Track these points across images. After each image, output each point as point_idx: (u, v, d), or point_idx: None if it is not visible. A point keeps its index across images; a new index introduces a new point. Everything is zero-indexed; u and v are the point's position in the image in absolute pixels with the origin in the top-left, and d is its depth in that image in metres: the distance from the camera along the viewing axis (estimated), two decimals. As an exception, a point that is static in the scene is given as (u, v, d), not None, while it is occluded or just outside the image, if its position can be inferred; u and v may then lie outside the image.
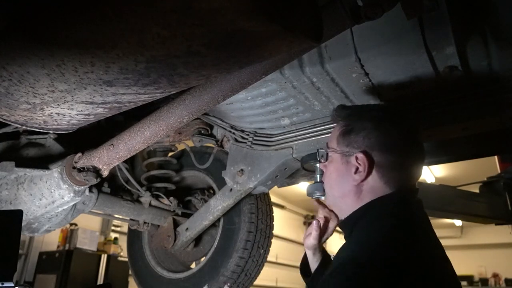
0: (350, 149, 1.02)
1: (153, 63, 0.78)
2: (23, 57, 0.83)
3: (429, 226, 1.00)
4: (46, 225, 1.62)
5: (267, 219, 1.86)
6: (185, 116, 1.20)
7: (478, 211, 2.84)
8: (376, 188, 0.99)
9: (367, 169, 0.98)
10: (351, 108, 1.11)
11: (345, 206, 1.04)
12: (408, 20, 1.01)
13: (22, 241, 5.32)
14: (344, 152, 1.03)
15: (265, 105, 1.47)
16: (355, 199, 1.01)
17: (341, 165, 1.04)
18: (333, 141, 1.08)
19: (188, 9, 0.63)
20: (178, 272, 1.95)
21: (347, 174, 1.02)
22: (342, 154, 1.04)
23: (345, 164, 1.03)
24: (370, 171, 0.98)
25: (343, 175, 1.03)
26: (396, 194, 0.98)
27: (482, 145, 1.77)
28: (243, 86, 1.09)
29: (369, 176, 0.99)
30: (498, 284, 9.28)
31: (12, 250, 1.08)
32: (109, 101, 0.98)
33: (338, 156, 1.05)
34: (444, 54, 1.12)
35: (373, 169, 0.98)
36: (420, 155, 1.05)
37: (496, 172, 3.14)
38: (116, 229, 6.85)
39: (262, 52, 0.78)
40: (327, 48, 1.20)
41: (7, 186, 1.51)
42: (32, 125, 1.10)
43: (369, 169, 0.98)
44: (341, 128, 1.07)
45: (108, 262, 5.81)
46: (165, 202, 1.95)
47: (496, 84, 1.25)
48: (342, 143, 1.05)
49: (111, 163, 1.40)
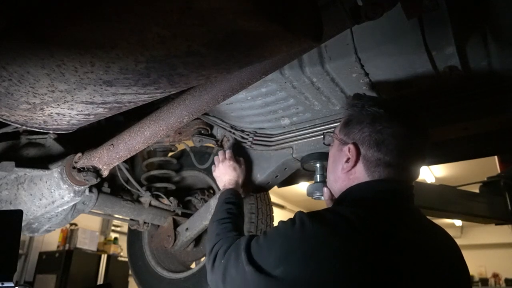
0: (346, 138, 1.08)
1: (153, 63, 0.78)
2: (23, 57, 0.83)
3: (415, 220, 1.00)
4: (46, 225, 1.62)
5: (267, 219, 1.85)
6: (185, 116, 1.20)
7: (478, 211, 2.84)
8: (360, 179, 1.04)
9: (354, 160, 1.03)
10: (361, 98, 1.11)
11: (336, 189, 1.10)
12: (408, 20, 1.02)
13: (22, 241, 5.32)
14: (341, 140, 1.09)
15: (265, 105, 1.47)
16: (343, 185, 1.06)
17: (337, 152, 1.11)
18: (338, 127, 1.14)
19: (188, 9, 0.63)
20: (178, 272, 1.95)
21: (340, 161, 1.08)
22: (340, 141, 1.10)
23: (340, 151, 1.09)
24: (357, 163, 1.04)
25: (337, 161, 1.10)
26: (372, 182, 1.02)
27: (482, 145, 1.77)
28: (243, 86, 1.09)
29: (356, 167, 1.04)
30: (498, 284, 9.29)
31: (12, 250, 1.08)
32: (109, 101, 0.98)
33: (337, 143, 1.12)
34: (444, 54, 1.12)
35: (359, 162, 1.03)
36: (416, 157, 1.05)
37: (496, 172, 3.14)
38: (116, 229, 6.86)
39: (262, 52, 0.78)
40: (327, 48, 1.20)
41: (7, 186, 1.51)
42: (32, 125, 1.10)
43: (356, 161, 1.03)
44: (345, 117, 1.13)
45: (108, 262, 5.82)
46: (165, 202, 1.95)
47: (496, 84, 1.25)
48: (342, 131, 1.10)
49: (111, 163, 1.40)
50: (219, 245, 1.12)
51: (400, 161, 1.01)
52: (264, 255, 0.92)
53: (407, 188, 1.04)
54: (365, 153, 1.03)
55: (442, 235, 1.05)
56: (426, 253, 0.93)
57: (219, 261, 1.06)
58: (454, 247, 1.04)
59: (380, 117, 1.03)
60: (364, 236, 0.86)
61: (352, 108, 1.09)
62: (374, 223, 0.90)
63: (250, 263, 0.92)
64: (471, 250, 9.58)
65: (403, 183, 1.03)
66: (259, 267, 0.90)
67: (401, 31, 1.10)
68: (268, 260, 0.90)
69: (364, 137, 1.03)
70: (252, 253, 0.95)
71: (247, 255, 0.95)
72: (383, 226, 0.91)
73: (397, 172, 1.01)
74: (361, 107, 1.07)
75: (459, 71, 1.17)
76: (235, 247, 1.03)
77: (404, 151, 1.01)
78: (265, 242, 0.94)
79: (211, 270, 1.09)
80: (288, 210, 9.17)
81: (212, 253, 1.11)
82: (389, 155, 1.00)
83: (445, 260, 0.96)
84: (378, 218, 0.92)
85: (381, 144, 1.01)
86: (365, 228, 0.87)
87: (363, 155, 1.03)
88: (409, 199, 1.04)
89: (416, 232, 0.96)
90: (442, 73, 1.18)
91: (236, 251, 1.01)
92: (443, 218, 3.66)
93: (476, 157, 1.96)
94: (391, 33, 1.11)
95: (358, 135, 1.05)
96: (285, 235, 0.91)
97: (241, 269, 0.94)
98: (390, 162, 1.01)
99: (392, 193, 1.01)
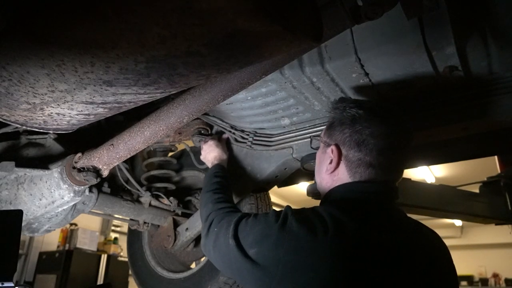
0: (329, 140, 1.11)
1: (153, 63, 0.78)
2: (23, 57, 0.83)
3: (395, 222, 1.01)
4: (46, 225, 1.62)
5: (267, 219, 1.86)
6: (185, 116, 1.20)
7: (478, 211, 2.84)
8: (342, 180, 1.06)
9: (336, 161, 1.06)
10: (343, 101, 1.14)
11: (322, 191, 1.14)
12: (408, 20, 1.02)
13: (22, 241, 5.33)
14: (325, 142, 1.13)
15: (265, 105, 1.47)
16: (327, 187, 1.10)
17: (321, 154, 1.15)
18: (323, 131, 1.17)
19: (188, 9, 0.63)
20: (178, 272, 1.95)
21: (324, 163, 1.11)
22: (324, 144, 1.13)
23: (324, 153, 1.12)
24: (339, 164, 1.06)
25: (322, 163, 1.13)
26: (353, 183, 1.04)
27: (482, 145, 1.77)
28: (243, 86, 1.09)
29: (339, 168, 1.07)
30: (498, 284, 9.28)
31: (12, 250, 1.08)
32: (109, 101, 0.98)
33: (322, 145, 1.15)
34: (444, 54, 1.12)
35: (341, 162, 1.06)
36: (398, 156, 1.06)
37: (496, 172, 3.14)
38: (116, 229, 6.86)
39: (262, 52, 0.78)
40: (327, 48, 1.20)
41: (7, 186, 1.51)
42: (32, 125, 1.10)
43: (338, 162, 1.06)
44: (329, 120, 1.16)
45: (108, 262, 5.82)
46: (165, 202, 1.95)
47: (496, 84, 1.25)
48: (326, 134, 1.14)
49: (111, 163, 1.40)
50: (215, 214, 1.20)
51: (381, 160, 1.02)
52: (245, 233, 1.01)
53: (389, 189, 1.05)
54: (346, 154, 1.05)
55: (428, 236, 1.05)
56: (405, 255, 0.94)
57: (213, 228, 1.15)
58: (442, 248, 1.05)
59: (360, 117, 1.05)
60: (333, 236, 0.89)
61: (335, 111, 1.12)
62: (347, 224, 0.92)
63: (233, 237, 1.01)
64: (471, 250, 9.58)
65: (384, 184, 1.04)
66: (239, 243, 1.00)
67: (401, 31, 1.10)
68: (247, 239, 0.98)
69: (345, 138, 1.05)
70: (238, 228, 1.04)
71: (234, 229, 1.03)
72: (357, 228, 0.92)
73: (379, 173, 1.02)
74: (342, 109, 1.09)
75: (459, 71, 1.17)
76: (228, 218, 1.11)
77: (384, 150, 1.02)
78: (251, 223, 1.02)
79: (205, 235, 1.18)
80: (288, 210, 9.15)
81: (208, 220, 1.20)
82: (369, 155, 1.02)
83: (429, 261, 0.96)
84: (352, 219, 0.93)
85: (361, 144, 1.02)
86: (336, 229, 0.90)
87: (345, 156, 1.05)
88: (391, 200, 1.05)
89: (395, 233, 0.97)
90: (442, 73, 1.18)
91: (228, 222, 1.09)
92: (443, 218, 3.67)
93: (476, 157, 1.96)
94: (391, 33, 1.11)
95: (339, 137, 1.07)
96: (268, 222, 0.98)
97: (226, 240, 1.03)
98: (370, 162, 1.02)
99: (372, 194, 1.02)
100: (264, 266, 0.91)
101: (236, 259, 0.98)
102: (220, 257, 1.08)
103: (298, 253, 0.89)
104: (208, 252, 1.15)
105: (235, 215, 1.10)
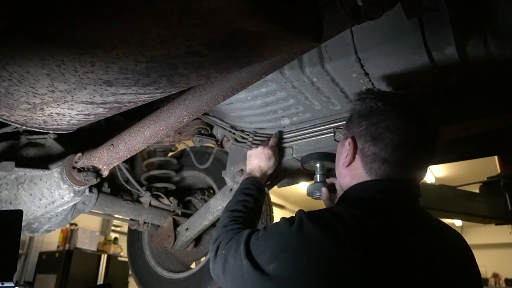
0: (347, 133, 1.06)
1: (153, 63, 0.78)
2: (23, 57, 0.83)
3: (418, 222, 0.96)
4: (46, 225, 1.63)
5: (267, 219, 1.86)
6: (185, 116, 1.20)
7: (478, 211, 2.85)
8: (360, 175, 1.00)
9: (351, 154, 1.01)
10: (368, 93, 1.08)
11: (340, 185, 1.09)
12: (408, 20, 1.01)
13: (22, 241, 5.32)
14: (344, 134, 1.08)
15: (265, 105, 1.47)
16: (345, 181, 1.05)
17: (340, 147, 1.10)
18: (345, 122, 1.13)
19: (188, 9, 0.63)
20: (178, 272, 1.95)
21: (341, 156, 1.06)
22: (343, 136, 1.09)
23: (342, 146, 1.07)
24: (354, 157, 1.01)
25: (340, 156, 1.08)
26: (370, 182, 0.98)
27: (482, 145, 1.77)
28: (243, 86, 1.09)
29: (355, 162, 1.02)
30: (498, 284, 9.27)
31: (12, 250, 1.08)
32: (109, 101, 0.98)
33: (342, 138, 1.11)
34: (444, 54, 1.12)
35: (357, 156, 1.01)
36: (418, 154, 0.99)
37: (496, 172, 3.14)
38: (116, 229, 6.86)
39: (262, 52, 0.78)
40: (327, 48, 1.20)
41: (7, 186, 1.51)
42: (32, 125, 1.10)
43: (353, 155, 1.01)
44: (350, 112, 1.10)
45: (108, 262, 5.82)
46: (165, 202, 1.95)
47: (496, 84, 1.25)
48: (346, 126, 1.09)
49: (111, 163, 1.40)
50: (223, 236, 1.11)
51: (397, 156, 0.95)
52: (260, 250, 0.92)
53: (410, 188, 0.99)
54: (362, 147, 0.99)
55: (452, 237, 1.00)
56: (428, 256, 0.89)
57: (220, 251, 1.06)
58: (466, 250, 1.01)
59: (378, 109, 0.99)
60: (358, 238, 0.84)
61: (356, 102, 1.06)
62: (370, 226, 0.87)
63: (247, 257, 0.92)
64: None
65: (403, 183, 0.98)
66: (255, 262, 0.90)
67: (401, 31, 1.10)
68: (263, 256, 0.90)
69: (361, 131, 1.00)
70: (250, 247, 0.95)
71: (246, 249, 0.95)
72: (379, 229, 0.88)
73: (394, 170, 0.96)
74: (363, 101, 1.03)
75: (459, 71, 1.17)
76: (236, 238, 1.03)
77: (400, 146, 0.95)
78: (262, 237, 0.94)
79: (213, 259, 1.08)
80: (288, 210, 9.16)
81: (216, 242, 1.11)
82: (384, 150, 0.95)
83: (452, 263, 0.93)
84: (375, 220, 0.89)
85: (376, 138, 0.97)
86: (360, 231, 0.85)
87: (360, 149, 1.00)
88: (413, 200, 0.99)
89: (421, 235, 0.92)
90: (442, 73, 1.18)
91: (236, 242, 1.00)
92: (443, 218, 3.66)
93: (476, 157, 1.96)
94: (391, 33, 1.11)
95: (356, 129, 1.02)
96: (282, 232, 0.91)
97: (239, 261, 0.94)
98: (386, 158, 0.96)
99: (393, 193, 0.97)
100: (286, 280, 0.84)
101: (253, 281, 0.89)
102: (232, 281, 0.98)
103: (321, 260, 0.82)
104: (217, 277, 1.05)
105: (242, 234, 1.01)
